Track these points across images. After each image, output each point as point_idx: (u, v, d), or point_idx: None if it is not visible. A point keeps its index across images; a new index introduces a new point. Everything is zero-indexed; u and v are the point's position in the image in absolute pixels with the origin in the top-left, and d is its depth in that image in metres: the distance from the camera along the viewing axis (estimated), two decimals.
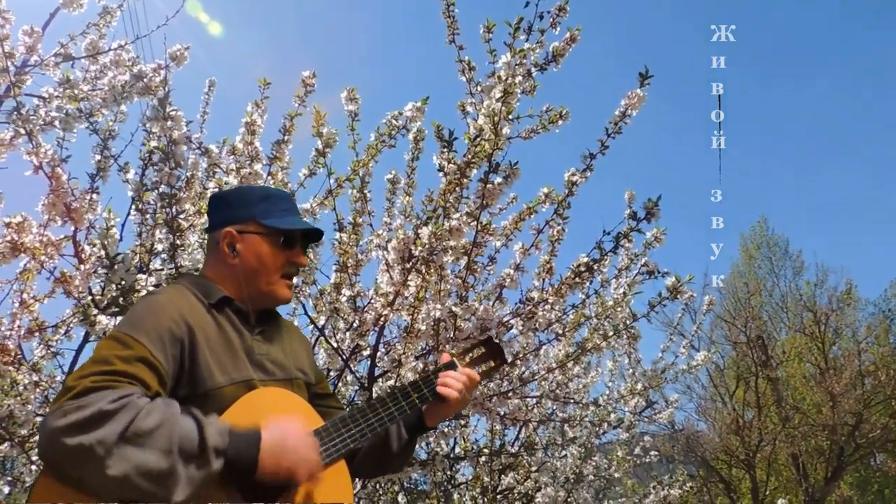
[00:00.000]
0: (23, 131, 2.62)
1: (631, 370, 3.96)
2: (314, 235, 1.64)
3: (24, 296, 3.07)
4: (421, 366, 2.86)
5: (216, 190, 2.85)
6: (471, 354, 1.74)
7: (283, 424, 1.30)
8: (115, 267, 2.42)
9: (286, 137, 2.92)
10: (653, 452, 4.18)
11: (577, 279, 2.60)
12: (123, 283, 2.46)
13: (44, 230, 2.93)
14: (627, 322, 3.00)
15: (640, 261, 3.24)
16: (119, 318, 2.58)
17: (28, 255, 2.88)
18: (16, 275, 3.14)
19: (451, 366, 1.64)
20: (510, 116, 2.37)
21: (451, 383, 1.58)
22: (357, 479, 3.29)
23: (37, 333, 3.21)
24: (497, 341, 1.84)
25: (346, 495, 1.44)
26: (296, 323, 3.77)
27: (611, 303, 2.79)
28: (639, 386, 3.71)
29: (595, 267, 2.64)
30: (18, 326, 3.15)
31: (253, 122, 2.72)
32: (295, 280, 2.84)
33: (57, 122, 2.81)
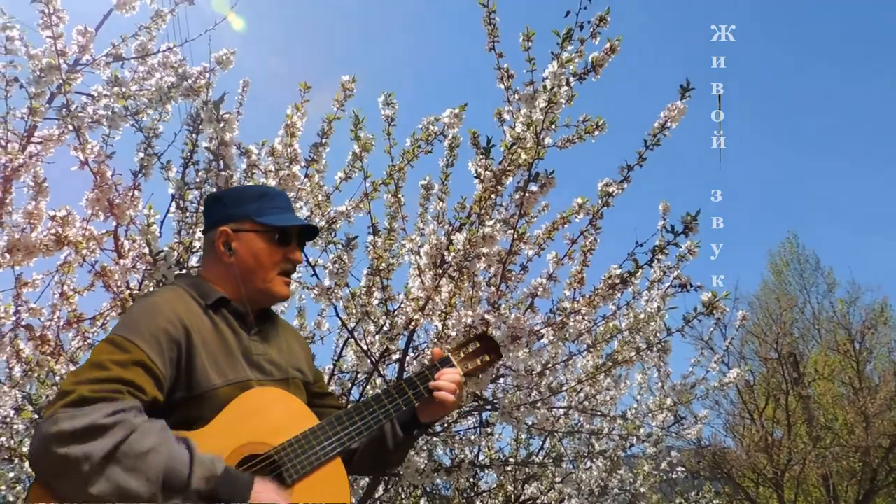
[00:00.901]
0: (71, 128, 2.69)
1: (660, 384, 3.92)
2: (310, 232, 1.65)
3: (65, 288, 3.16)
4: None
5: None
6: (465, 349, 1.74)
7: (276, 487, 1.29)
8: (158, 263, 2.47)
9: (324, 141, 2.96)
10: (680, 468, 4.14)
11: (610, 291, 2.58)
12: (164, 278, 2.50)
13: (86, 224, 3.00)
14: (660, 336, 2.97)
15: (673, 273, 3.22)
16: None
17: (71, 248, 2.96)
18: (57, 267, 3.22)
19: (445, 361, 1.63)
20: (553, 125, 2.37)
21: (445, 385, 1.57)
22: (381, 483, 3.32)
23: (75, 325, 3.29)
24: (491, 335, 1.82)
25: (343, 495, 1.43)
26: (326, 325, 3.82)
27: (644, 316, 2.76)
28: (668, 401, 3.68)
29: (629, 279, 2.62)
30: (58, 317, 3.23)
31: (293, 125, 2.76)
32: (327, 282, 2.90)
33: (104, 120, 2.88)
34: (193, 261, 2.84)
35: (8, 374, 3.30)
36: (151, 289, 2.87)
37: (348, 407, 1.52)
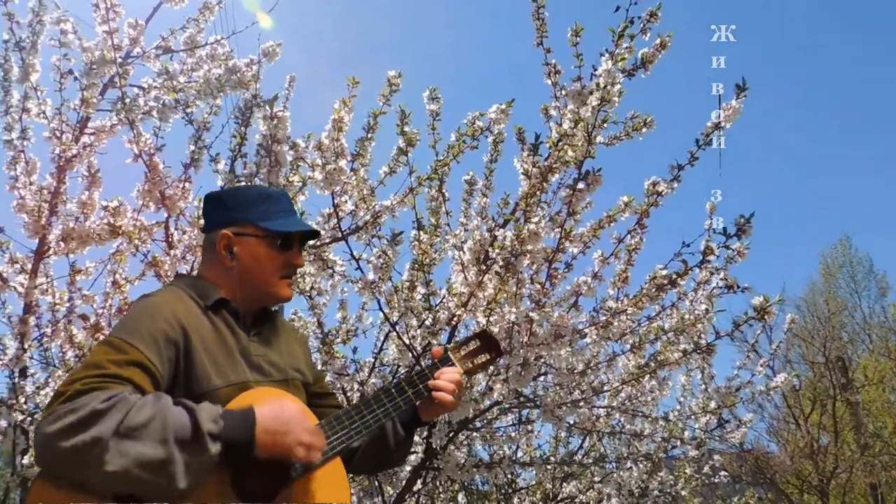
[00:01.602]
0: (125, 120, 2.75)
1: (703, 386, 3.85)
2: (312, 234, 1.64)
3: (117, 276, 3.24)
4: (491, 368, 2.86)
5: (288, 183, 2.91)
6: (466, 347, 1.72)
7: (278, 401, 1.30)
8: None
9: (370, 135, 2.96)
10: (723, 473, 4.06)
11: (657, 292, 2.54)
12: None
13: (138, 215, 3.08)
14: (705, 338, 2.91)
15: (719, 274, 3.14)
16: None
17: (123, 237, 3.04)
18: (109, 256, 3.31)
19: (445, 360, 1.63)
20: (605, 124, 2.33)
21: (444, 385, 1.55)
22: (420, 477, 3.33)
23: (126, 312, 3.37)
24: (492, 333, 1.80)
25: (342, 493, 1.42)
26: (369, 318, 3.84)
27: (690, 318, 2.71)
28: (712, 404, 3.61)
29: (677, 281, 2.57)
30: (110, 305, 3.32)
31: (340, 120, 2.77)
32: (371, 276, 2.91)
33: (154, 112, 2.94)
34: None
35: (61, 358, 3.41)
36: None
37: (349, 406, 1.51)
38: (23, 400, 3.19)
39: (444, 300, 3.00)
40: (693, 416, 3.63)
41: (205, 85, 3.09)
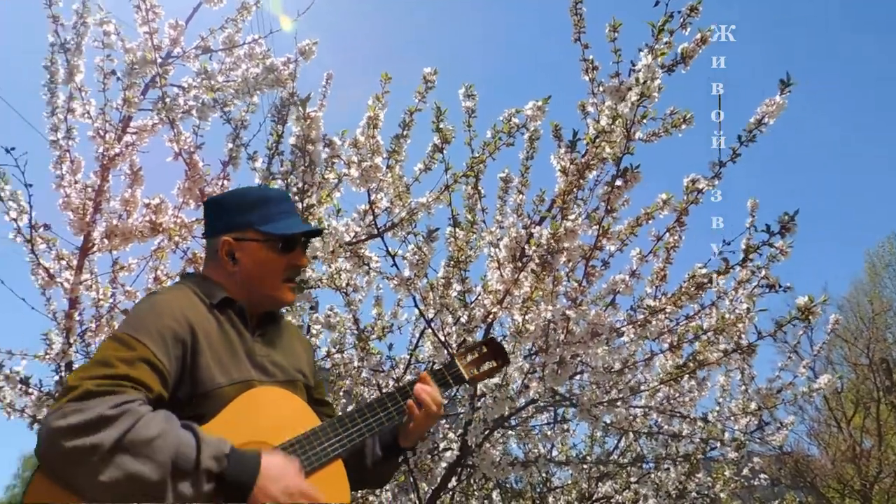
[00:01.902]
0: (166, 119, 2.80)
1: (743, 387, 3.78)
2: (314, 233, 1.63)
3: (158, 272, 3.30)
4: (527, 366, 2.84)
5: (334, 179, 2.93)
6: (472, 354, 1.71)
7: (284, 458, 1.29)
8: None
9: (405, 132, 2.97)
10: (762, 476, 3.98)
11: (697, 291, 2.50)
12: None
13: (178, 212, 3.13)
14: (746, 338, 2.85)
15: (761, 273, 3.08)
16: None
17: (164, 234, 3.09)
18: (151, 252, 3.37)
19: (450, 365, 1.64)
20: (644, 120, 2.30)
21: (425, 399, 1.53)
22: (455, 475, 3.32)
23: None
24: (499, 341, 1.78)
25: (343, 495, 1.42)
26: (404, 315, 3.85)
27: (731, 317, 2.66)
28: (752, 405, 3.54)
29: (717, 279, 2.52)
30: None
31: (376, 116, 2.78)
32: (407, 273, 2.92)
33: (194, 111, 2.99)
34: None
35: None
36: None
37: (350, 409, 1.51)
38: None
39: (480, 297, 2.99)
40: (732, 418, 3.57)
41: (242, 84, 3.13)
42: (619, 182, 2.40)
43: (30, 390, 3.04)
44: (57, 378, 3.13)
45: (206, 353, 1.33)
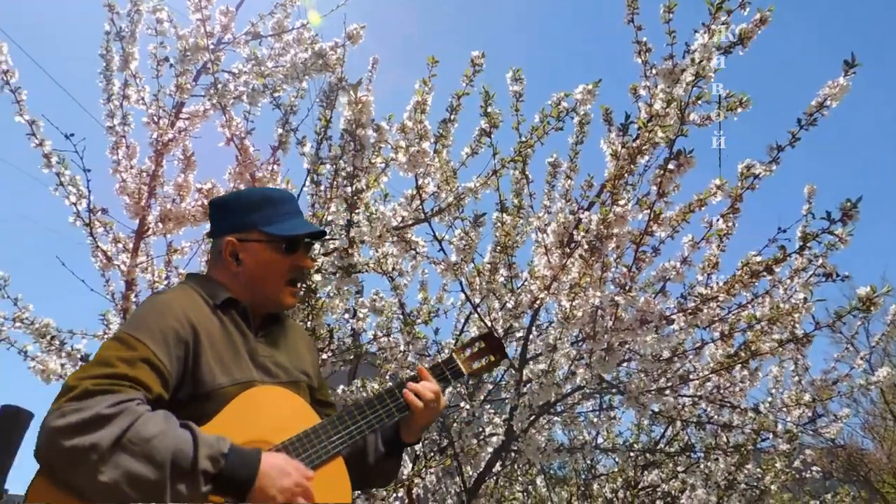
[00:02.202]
0: (218, 105, 2.85)
1: (797, 378, 3.68)
2: (319, 235, 1.62)
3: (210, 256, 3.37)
4: (574, 352, 2.82)
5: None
6: (471, 349, 1.71)
7: (283, 456, 1.28)
8: None
9: (453, 116, 2.96)
10: (815, 468, 3.88)
11: (752, 279, 2.43)
12: None
13: None
14: (800, 328, 2.78)
15: (818, 262, 2.99)
16: None
17: None
18: (203, 236, 3.44)
19: (449, 361, 1.64)
20: (699, 101, 2.24)
21: (421, 390, 1.53)
22: (500, 459, 3.33)
23: None
24: (498, 336, 1.76)
25: (345, 493, 1.41)
26: (450, 299, 3.86)
27: (785, 307, 2.58)
28: (806, 397, 3.44)
29: (773, 268, 2.45)
30: None
31: (423, 101, 2.77)
32: (454, 258, 2.92)
33: (244, 97, 3.03)
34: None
35: None
36: None
37: (348, 406, 1.50)
38: None
39: (527, 283, 2.98)
40: (785, 409, 3.48)
41: (291, 69, 3.15)
42: (671, 166, 2.34)
43: None
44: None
45: (208, 353, 1.33)
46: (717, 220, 2.55)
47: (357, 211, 2.64)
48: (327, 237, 2.72)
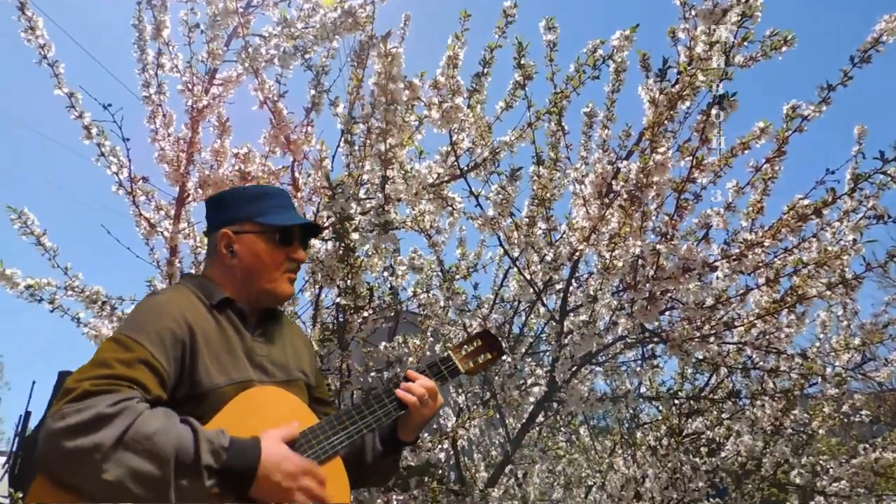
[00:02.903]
0: (250, 69, 2.84)
1: (846, 322, 3.61)
2: (313, 230, 1.63)
3: None
4: (615, 303, 2.81)
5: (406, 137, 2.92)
6: (467, 347, 1.72)
7: (281, 448, 1.28)
8: (336, 195, 2.59)
9: (486, 70, 2.91)
10: (864, 413, 3.83)
11: (799, 223, 2.38)
12: (342, 210, 2.63)
13: (265, 161, 3.21)
14: (850, 271, 2.71)
15: (868, 203, 2.90)
16: (332, 243, 2.79)
17: (253, 182, 3.18)
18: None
19: (446, 360, 1.65)
20: (745, 42, 2.16)
21: (414, 388, 1.54)
22: (542, 410, 3.36)
23: None
24: (494, 333, 1.76)
25: (343, 493, 1.42)
26: (488, 253, 3.87)
27: (836, 249, 2.52)
28: (856, 340, 3.38)
29: (822, 210, 2.39)
30: None
31: (455, 56, 2.73)
32: (491, 212, 2.91)
33: (276, 60, 3.02)
34: (362, 192, 2.95)
35: None
36: (327, 219, 3.04)
37: (346, 406, 1.52)
38: None
39: (565, 235, 2.96)
40: (833, 354, 3.43)
41: (321, 29, 3.12)
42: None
43: None
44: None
45: (205, 353, 1.34)
46: (763, 163, 2.48)
47: (391, 167, 2.63)
48: (327, 224, 2.75)
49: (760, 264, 2.69)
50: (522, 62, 2.78)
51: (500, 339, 1.78)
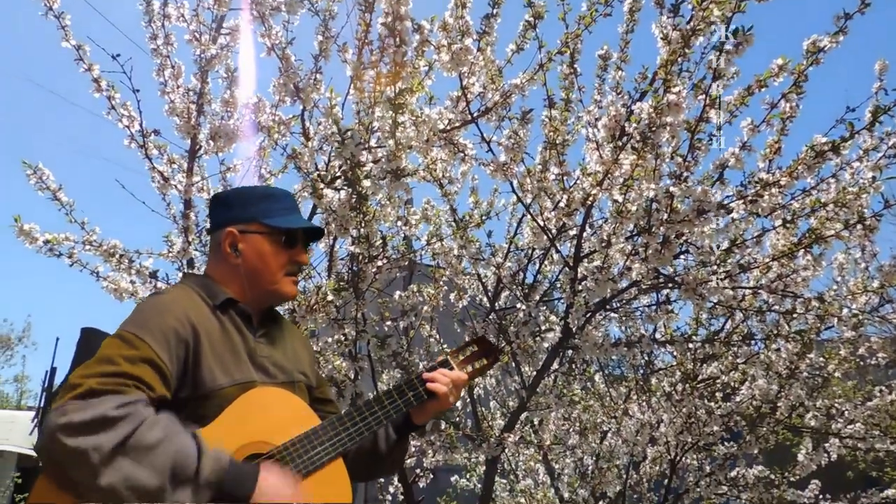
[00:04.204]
0: (257, 15, 2.80)
1: (864, 264, 3.57)
2: (316, 234, 1.63)
3: (263, 171, 3.42)
4: (629, 248, 2.79)
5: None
6: (464, 352, 1.74)
7: (282, 472, 1.29)
8: (346, 142, 2.57)
9: (495, 11, 2.84)
10: (881, 355, 3.82)
11: (817, 160, 2.33)
12: (353, 156, 2.61)
13: (275, 110, 3.19)
14: (870, 211, 2.66)
15: (889, 141, 2.83)
16: (343, 191, 2.79)
17: (263, 133, 3.17)
18: (254, 152, 3.48)
19: (444, 364, 1.65)
20: None
21: (440, 378, 1.58)
22: (557, 356, 3.38)
23: None
24: (491, 339, 1.76)
25: (345, 494, 1.43)
26: (501, 200, 3.85)
27: (855, 189, 2.47)
28: (874, 283, 3.35)
29: (840, 147, 2.33)
30: None
31: None
32: (503, 158, 2.88)
33: (283, 6, 2.97)
34: (373, 141, 2.93)
35: None
36: (338, 169, 3.02)
37: (348, 409, 1.51)
38: None
39: (579, 181, 2.93)
40: (850, 296, 3.40)
41: None
42: (730, 46, 2.22)
43: (158, 284, 3.30)
44: (180, 275, 3.37)
45: (208, 353, 1.34)
46: (780, 100, 2.41)
47: (402, 113, 2.60)
48: (338, 174, 2.73)
49: (777, 206, 2.65)
50: (533, 1, 2.71)
51: (496, 344, 1.83)
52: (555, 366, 3.60)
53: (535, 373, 3.27)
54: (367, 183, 2.65)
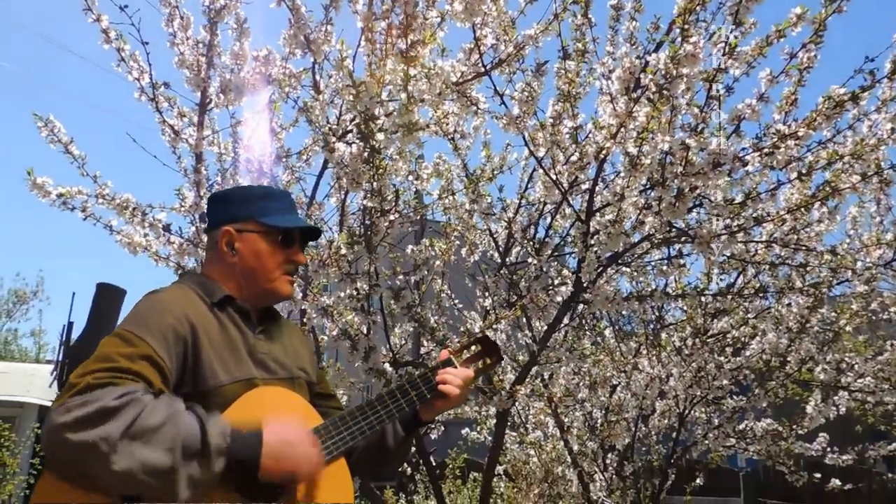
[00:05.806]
0: None
1: (878, 218, 3.54)
2: (313, 234, 1.62)
3: (273, 125, 3.40)
4: (642, 201, 2.78)
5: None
6: (468, 351, 1.73)
7: (283, 424, 1.30)
8: (360, 94, 2.55)
9: None
10: (893, 309, 3.81)
11: (835, 110, 2.29)
12: (367, 109, 2.59)
13: (286, 63, 3.16)
14: (887, 163, 2.63)
15: None
16: (354, 147, 2.77)
17: (274, 85, 3.15)
18: (265, 107, 3.46)
19: (447, 363, 1.65)
20: None
21: (451, 379, 1.59)
22: (568, 311, 3.40)
23: (284, 159, 3.57)
24: (493, 339, 1.75)
25: (346, 493, 1.44)
26: (514, 154, 3.82)
27: (873, 140, 2.43)
28: (888, 236, 3.32)
29: (859, 98, 2.29)
30: (270, 153, 3.52)
31: None
32: (515, 111, 2.85)
33: None
34: (384, 94, 2.90)
35: None
36: (350, 124, 3.01)
37: (352, 407, 1.52)
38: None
39: (592, 134, 2.90)
40: (864, 250, 3.38)
41: None
42: None
43: (171, 238, 3.32)
44: (193, 229, 3.38)
45: (208, 351, 1.34)
46: (800, 49, 2.36)
47: (414, 65, 2.57)
48: (350, 128, 2.70)
49: (793, 159, 2.62)
50: None
51: (497, 344, 1.81)
52: (566, 320, 3.62)
53: (546, 327, 3.29)
54: (380, 136, 2.64)
